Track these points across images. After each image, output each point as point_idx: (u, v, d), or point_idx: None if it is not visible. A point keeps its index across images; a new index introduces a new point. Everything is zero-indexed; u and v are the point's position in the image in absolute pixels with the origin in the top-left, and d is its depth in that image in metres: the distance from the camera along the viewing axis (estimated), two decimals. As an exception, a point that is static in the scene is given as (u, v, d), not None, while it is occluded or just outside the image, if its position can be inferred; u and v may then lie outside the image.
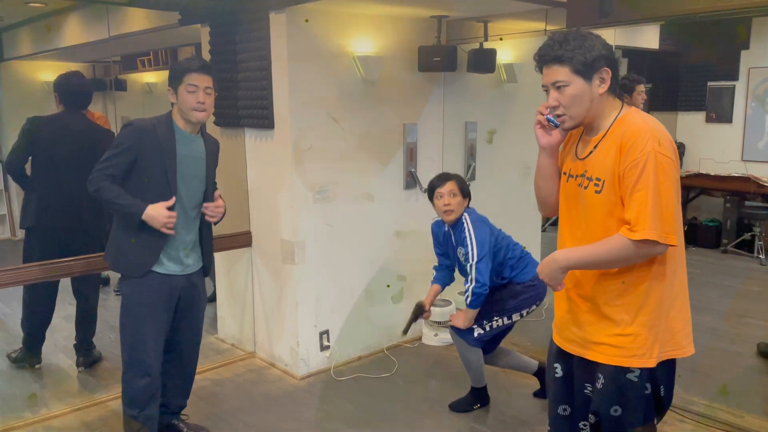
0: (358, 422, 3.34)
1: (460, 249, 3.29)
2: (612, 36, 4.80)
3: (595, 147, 1.94)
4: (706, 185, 6.86)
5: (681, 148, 7.28)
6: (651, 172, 1.78)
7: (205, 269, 3.04)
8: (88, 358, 4.01)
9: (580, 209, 1.99)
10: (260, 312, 4.11)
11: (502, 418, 3.36)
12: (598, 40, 1.90)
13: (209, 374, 3.92)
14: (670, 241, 1.81)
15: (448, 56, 4.05)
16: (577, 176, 1.99)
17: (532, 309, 3.31)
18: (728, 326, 4.65)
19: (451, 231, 3.35)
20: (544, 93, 1.98)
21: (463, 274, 3.34)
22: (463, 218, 3.26)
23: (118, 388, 3.04)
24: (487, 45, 4.26)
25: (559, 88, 1.90)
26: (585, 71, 1.87)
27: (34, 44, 6.07)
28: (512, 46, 4.63)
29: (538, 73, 1.98)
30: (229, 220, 3.12)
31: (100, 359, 4.07)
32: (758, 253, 6.40)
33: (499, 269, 3.28)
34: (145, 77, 6.33)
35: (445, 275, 3.50)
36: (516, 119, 4.84)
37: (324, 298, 3.93)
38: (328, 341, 3.97)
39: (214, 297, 4.58)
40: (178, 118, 2.80)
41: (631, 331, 1.91)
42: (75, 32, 5.44)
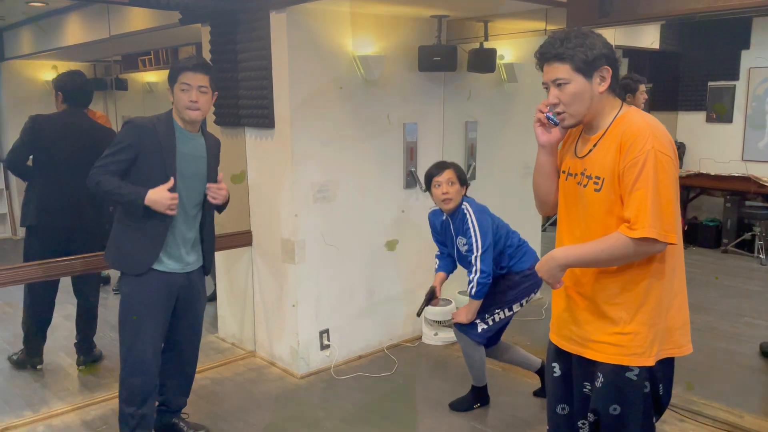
0: (358, 421, 3.34)
1: (460, 239, 3.27)
2: (612, 36, 4.81)
3: (594, 145, 1.94)
4: (707, 185, 6.86)
5: (681, 147, 7.28)
6: (651, 170, 1.79)
7: (205, 268, 3.04)
8: (88, 357, 4.02)
9: (579, 208, 1.99)
10: (260, 311, 4.11)
11: (502, 418, 3.37)
12: (599, 38, 1.91)
13: (209, 373, 3.92)
14: (669, 240, 1.82)
15: (448, 56, 4.05)
16: (576, 175, 1.99)
17: (531, 297, 3.31)
18: (728, 326, 4.65)
19: (450, 220, 3.32)
20: (544, 93, 1.99)
21: (462, 263, 3.33)
22: (464, 208, 3.23)
23: (118, 386, 3.04)
24: (487, 45, 4.27)
25: (559, 85, 1.90)
26: (586, 69, 1.88)
27: (34, 43, 6.08)
28: (512, 45, 4.64)
29: (539, 71, 1.98)
30: (229, 220, 3.13)
31: (100, 358, 4.08)
32: (758, 252, 6.41)
33: (498, 258, 3.26)
34: (146, 77, 6.33)
35: (448, 262, 3.47)
36: (516, 119, 4.84)
37: (324, 298, 3.93)
38: (328, 340, 3.98)
39: (215, 296, 4.58)
40: (177, 116, 2.81)
41: (630, 330, 1.92)
42: (76, 32, 5.45)
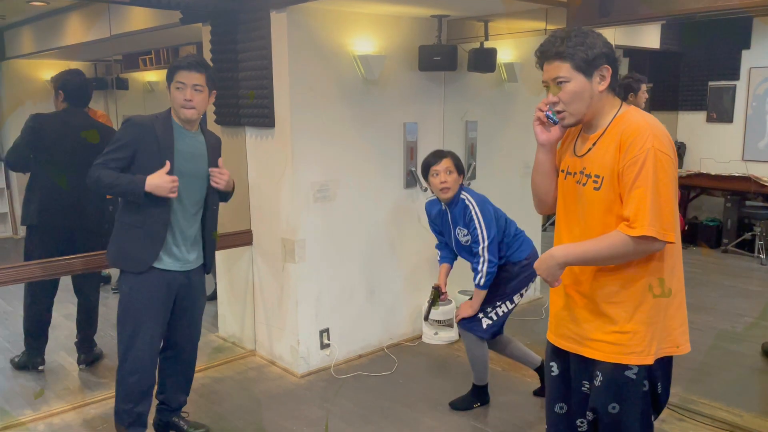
0: (358, 420, 3.35)
1: (459, 230, 3.26)
2: (612, 35, 4.81)
3: (593, 144, 1.95)
4: (707, 185, 6.86)
5: (682, 147, 7.28)
6: (650, 169, 1.79)
7: (207, 266, 3.05)
8: (89, 356, 4.03)
9: (579, 206, 1.99)
10: (261, 310, 4.12)
11: (502, 417, 3.37)
12: (600, 38, 1.91)
13: (210, 372, 3.93)
14: (668, 238, 1.82)
15: (448, 55, 4.06)
16: (575, 173, 2.00)
17: (529, 287, 3.32)
18: (728, 326, 4.65)
19: (448, 209, 3.31)
20: (544, 93, 1.99)
21: (462, 253, 3.33)
22: (464, 198, 3.23)
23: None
24: (487, 44, 4.27)
25: (559, 84, 1.91)
26: (586, 68, 1.88)
27: (35, 43, 6.08)
28: (513, 45, 4.64)
29: (539, 70, 1.98)
30: (229, 219, 3.13)
31: (101, 357, 4.08)
32: (759, 252, 6.40)
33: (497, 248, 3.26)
34: (147, 76, 6.33)
35: (449, 251, 3.47)
36: (516, 119, 4.84)
37: (324, 297, 3.94)
38: (329, 339, 3.98)
39: (215, 295, 4.59)
40: (175, 115, 2.82)
41: (629, 329, 1.92)
42: (76, 31, 5.45)
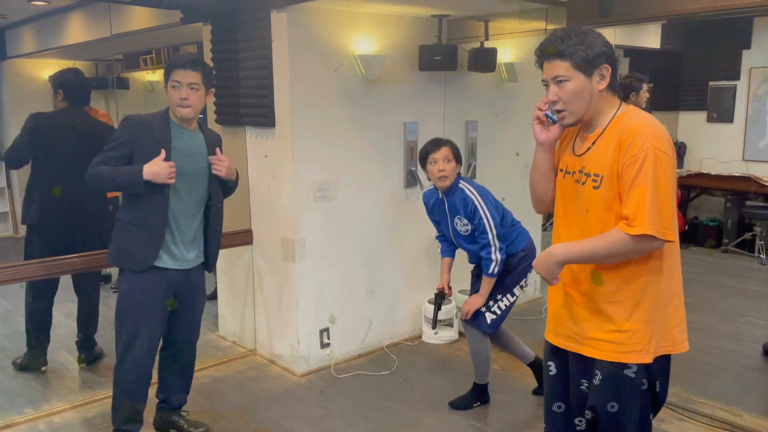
0: (357, 420, 3.35)
1: (458, 219, 3.25)
2: (613, 35, 4.81)
3: (593, 143, 1.95)
4: (707, 185, 6.86)
5: (682, 147, 7.28)
6: (650, 168, 1.80)
7: (208, 264, 3.05)
8: (89, 355, 4.04)
9: (578, 205, 2.00)
10: (261, 309, 4.12)
11: (502, 417, 3.37)
12: (599, 37, 1.92)
13: (210, 371, 3.93)
14: (667, 237, 1.83)
15: (448, 55, 4.06)
16: (574, 172, 2.00)
17: (528, 278, 3.33)
18: (728, 325, 4.66)
19: (445, 198, 3.30)
20: (544, 93, 1.99)
21: (459, 242, 3.33)
22: (465, 190, 3.22)
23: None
24: (487, 44, 4.27)
25: (559, 82, 1.91)
26: (586, 67, 1.88)
27: (36, 42, 6.09)
28: (513, 45, 4.64)
29: (538, 69, 1.99)
30: (230, 218, 3.13)
31: (101, 356, 4.09)
32: (759, 252, 6.41)
33: None
34: (148, 76, 6.34)
35: (449, 243, 3.47)
36: (516, 118, 4.85)
37: (324, 296, 3.94)
38: (328, 339, 3.98)
39: (215, 294, 4.60)
40: (173, 113, 2.83)
41: (628, 327, 1.92)
42: (77, 30, 5.46)
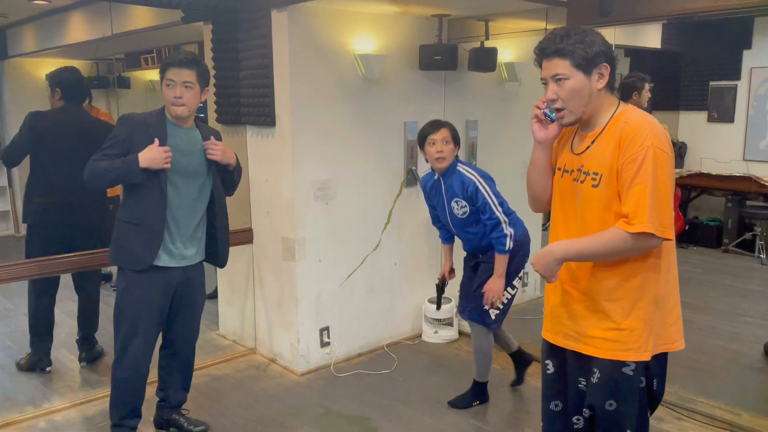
0: (357, 418, 3.36)
1: (455, 201, 3.24)
2: (613, 35, 4.81)
3: (592, 142, 1.96)
4: (708, 185, 6.85)
5: (683, 147, 7.27)
6: (649, 166, 1.80)
7: (219, 260, 3.06)
8: (90, 354, 4.04)
9: (576, 204, 2.00)
10: (261, 308, 4.13)
11: (501, 415, 3.38)
12: (599, 36, 1.92)
13: (210, 370, 3.94)
14: (666, 235, 1.83)
15: (449, 55, 4.07)
16: (573, 171, 2.00)
17: (525, 269, 3.32)
18: (728, 325, 4.66)
19: (441, 180, 3.30)
20: (544, 92, 1.99)
21: (455, 227, 3.32)
22: (465, 173, 3.21)
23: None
24: (487, 44, 4.28)
25: (558, 81, 1.91)
26: (585, 66, 1.89)
27: (37, 41, 6.11)
28: (513, 44, 4.65)
29: (537, 68, 1.99)
30: (230, 217, 3.14)
31: (102, 354, 4.10)
32: (759, 252, 6.40)
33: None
34: (149, 75, 6.35)
35: (447, 230, 3.47)
36: (517, 118, 4.85)
37: (324, 295, 3.95)
38: (328, 338, 3.99)
39: (216, 293, 4.60)
40: (168, 112, 2.85)
41: (626, 326, 1.93)
42: (78, 30, 5.47)
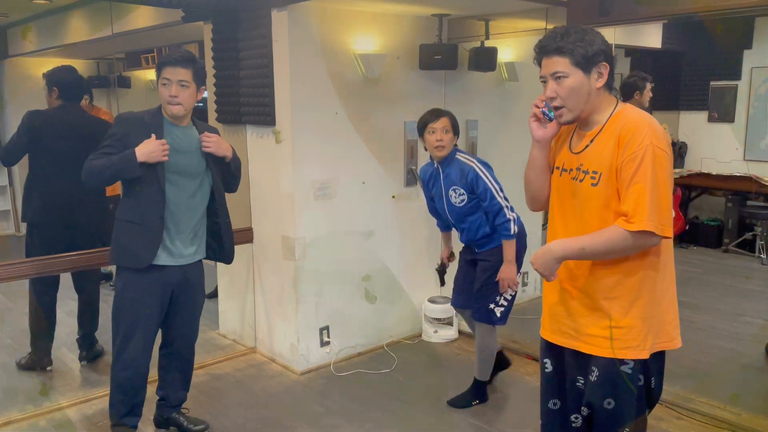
0: (357, 417, 3.36)
1: (453, 189, 3.24)
2: (613, 35, 4.81)
3: (591, 141, 1.96)
4: (708, 184, 6.85)
5: (683, 147, 7.27)
6: (649, 165, 1.81)
7: (225, 256, 3.08)
8: (90, 353, 4.05)
9: (575, 203, 2.00)
10: (261, 308, 4.13)
11: (500, 415, 3.38)
12: (598, 35, 1.93)
13: (210, 369, 3.95)
14: (665, 233, 1.84)
15: (449, 54, 4.07)
16: (571, 170, 2.01)
17: (522, 263, 3.31)
18: (728, 325, 4.66)
19: (440, 168, 3.31)
20: (543, 92, 1.99)
21: (453, 218, 3.32)
22: (465, 161, 3.21)
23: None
24: (488, 43, 4.28)
25: (558, 78, 1.91)
26: (585, 64, 1.89)
27: (38, 41, 6.11)
28: (513, 44, 4.65)
29: (537, 66, 1.99)
30: (230, 217, 3.14)
31: (102, 353, 4.10)
32: (759, 252, 6.40)
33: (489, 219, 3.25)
34: (149, 74, 6.35)
35: (444, 220, 3.47)
36: (517, 118, 4.85)
37: (324, 295, 3.95)
38: (328, 337, 3.99)
39: (216, 293, 4.61)
40: (164, 110, 2.85)
41: (625, 324, 1.93)
42: (79, 29, 5.48)
